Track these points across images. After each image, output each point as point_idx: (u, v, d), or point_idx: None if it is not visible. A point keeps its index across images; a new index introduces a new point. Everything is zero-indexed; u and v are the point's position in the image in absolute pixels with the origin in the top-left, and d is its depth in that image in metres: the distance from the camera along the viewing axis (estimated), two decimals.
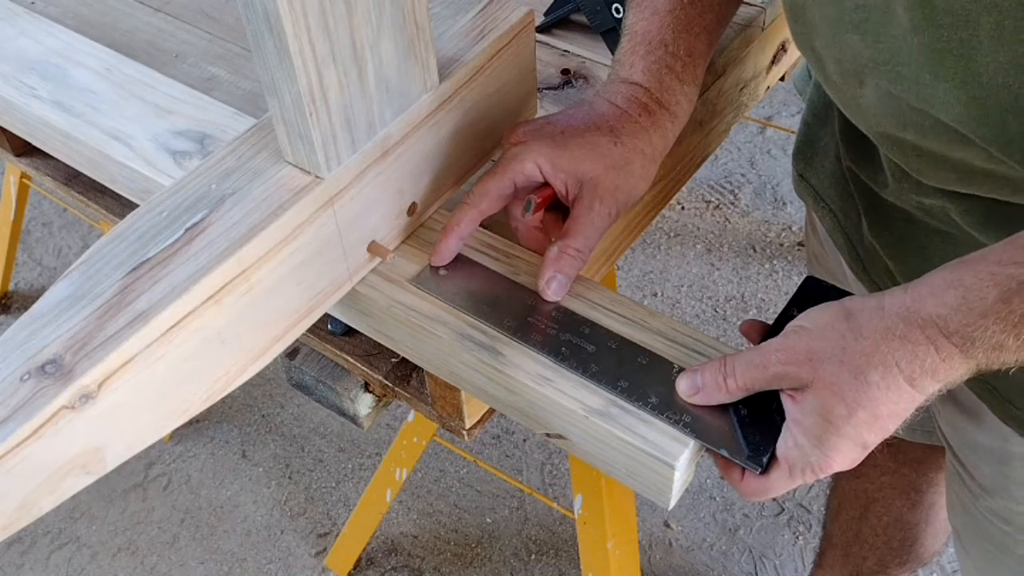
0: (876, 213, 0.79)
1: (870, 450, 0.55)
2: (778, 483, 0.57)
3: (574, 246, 0.64)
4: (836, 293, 0.62)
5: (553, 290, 0.64)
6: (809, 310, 0.57)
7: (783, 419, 0.56)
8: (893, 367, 0.52)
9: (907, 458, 1.18)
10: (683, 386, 0.58)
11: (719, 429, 0.57)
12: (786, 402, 0.56)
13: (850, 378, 0.53)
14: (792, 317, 0.58)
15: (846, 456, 0.54)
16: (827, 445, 0.54)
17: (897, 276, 0.78)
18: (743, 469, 0.58)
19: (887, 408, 0.53)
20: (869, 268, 0.83)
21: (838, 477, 1.31)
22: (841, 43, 0.62)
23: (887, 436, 0.55)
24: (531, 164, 0.65)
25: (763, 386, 0.56)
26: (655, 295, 2.07)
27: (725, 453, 0.56)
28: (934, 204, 0.71)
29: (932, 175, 0.67)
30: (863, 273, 0.84)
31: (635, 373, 0.60)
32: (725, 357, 0.58)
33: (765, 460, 0.56)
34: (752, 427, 0.57)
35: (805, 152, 0.90)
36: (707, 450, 0.58)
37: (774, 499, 1.73)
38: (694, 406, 0.58)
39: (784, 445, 0.56)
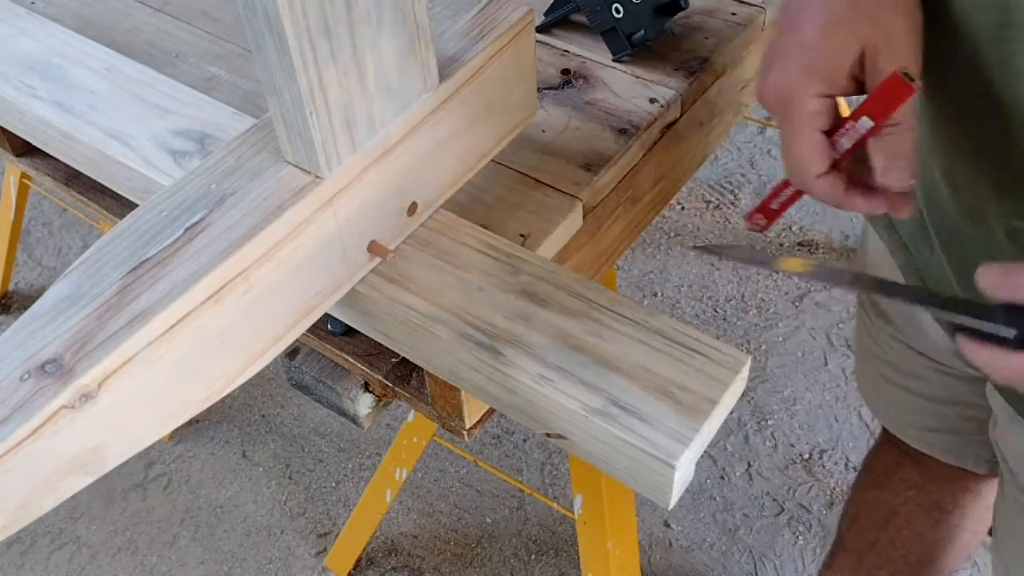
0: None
1: None
2: None
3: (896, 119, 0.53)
4: None
5: (897, 178, 0.55)
6: None
7: None
8: None
9: (934, 475, 1.14)
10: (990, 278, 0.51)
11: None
12: None
13: None
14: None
15: None
16: None
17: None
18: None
19: None
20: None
21: (860, 485, 1.28)
22: None
23: None
24: (813, 102, 0.54)
25: None
26: (655, 295, 2.07)
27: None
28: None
29: None
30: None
31: None
32: None
33: None
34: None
35: None
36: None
37: (774, 499, 1.73)
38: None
39: None
